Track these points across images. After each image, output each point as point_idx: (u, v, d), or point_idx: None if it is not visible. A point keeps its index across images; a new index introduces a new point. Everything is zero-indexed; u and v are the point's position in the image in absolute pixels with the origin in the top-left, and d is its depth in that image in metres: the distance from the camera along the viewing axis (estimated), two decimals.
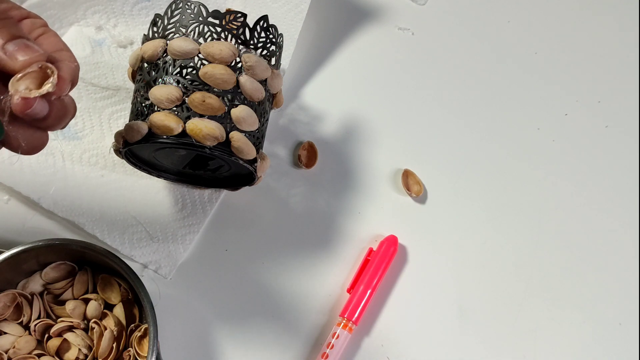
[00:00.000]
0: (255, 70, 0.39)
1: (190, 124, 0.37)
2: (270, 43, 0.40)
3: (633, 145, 0.52)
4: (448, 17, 0.55)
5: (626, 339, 0.47)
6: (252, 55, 0.39)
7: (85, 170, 0.46)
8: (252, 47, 0.39)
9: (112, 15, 0.49)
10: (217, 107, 0.38)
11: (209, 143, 0.38)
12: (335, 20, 0.53)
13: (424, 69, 0.53)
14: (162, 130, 0.37)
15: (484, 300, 0.47)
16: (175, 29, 0.39)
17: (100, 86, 0.47)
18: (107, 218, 0.45)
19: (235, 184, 0.45)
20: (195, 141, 0.37)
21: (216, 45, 0.38)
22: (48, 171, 0.45)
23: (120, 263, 0.39)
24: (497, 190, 0.50)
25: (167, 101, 0.37)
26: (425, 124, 0.51)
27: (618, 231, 0.49)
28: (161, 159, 0.43)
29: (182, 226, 0.45)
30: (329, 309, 0.45)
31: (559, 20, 0.56)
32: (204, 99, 0.37)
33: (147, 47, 0.39)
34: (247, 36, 0.39)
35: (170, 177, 0.45)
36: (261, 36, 0.40)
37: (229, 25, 0.39)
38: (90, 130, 0.47)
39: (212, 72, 0.38)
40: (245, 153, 0.39)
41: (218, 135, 0.38)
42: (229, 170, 0.43)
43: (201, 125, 0.37)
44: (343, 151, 0.50)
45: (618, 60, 0.55)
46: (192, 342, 0.43)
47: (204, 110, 0.38)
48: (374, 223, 0.48)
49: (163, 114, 0.37)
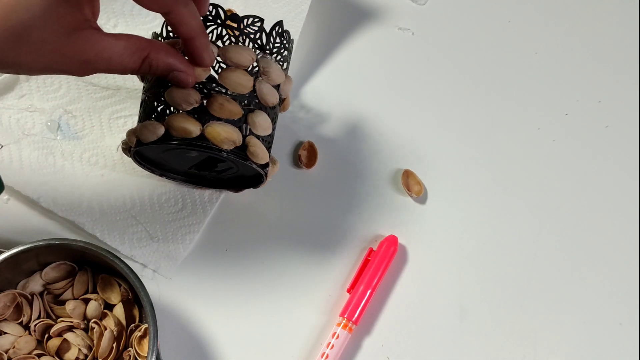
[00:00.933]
0: (272, 76, 0.39)
1: (209, 128, 0.37)
2: (284, 48, 0.40)
3: (633, 145, 0.52)
4: (448, 17, 0.55)
5: (626, 339, 0.47)
6: (269, 61, 0.39)
7: (85, 170, 0.46)
8: (267, 52, 0.40)
9: (112, 15, 0.49)
10: (236, 112, 0.38)
11: (226, 147, 0.38)
12: (335, 20, 0.53)
13: (424, 69, 0.53)
14: (181, 132, 0.37)
15: (484, 300, 0.47)
16: None
17: (100, 86, 0.47)
18: (107, 218, 0.45)
19: (239, 185, 0.45)
20: (212, 144, 0.37)
21: (235, 49, 0.38)
22: (48, 170, 0.45)
23: (120, 263, 0.39)
24: (497, 190, 0.50)
25: (186, 103, 0.37)
26: (426, 123, 0.51)
27: (618, 231, 0.49)
28: (169, 159, 0.43)
29: (182, 226, 0.45)
30: (329, 309, 0.45)
31: (559, 20, 0.56)
32: (223, 103, 0.38)
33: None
34: (264, 41, 0.39)
35: (174, 176, 0.45)
36: (276, 41, 0.40)
37: (247, 29, 0.39)
38: (90, 130, 0.47)
39: (231, 76, 0.38)
40: (260, 157, 0.39)
41: (236, 140, 0.38)
42: (236, 172, 0.43)
43: (219, 129, 0.37)
44: (343, 151, 0.50)
45: (618, 60, 0.55)
46: (192, 341, 0.43)
47: (222, 114, 0.38)
48: (374, 223, 0.48)
49: (182, 117, 0.37)
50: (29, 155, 0.45)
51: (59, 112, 0.47)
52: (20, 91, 0.47)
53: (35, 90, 0.47)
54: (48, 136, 0.46)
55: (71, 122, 0.47)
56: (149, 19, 0.49)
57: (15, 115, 0.46)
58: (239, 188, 0.46)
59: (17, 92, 0.47)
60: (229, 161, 0.41)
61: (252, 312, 0.45)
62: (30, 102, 0.46)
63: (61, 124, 0.46)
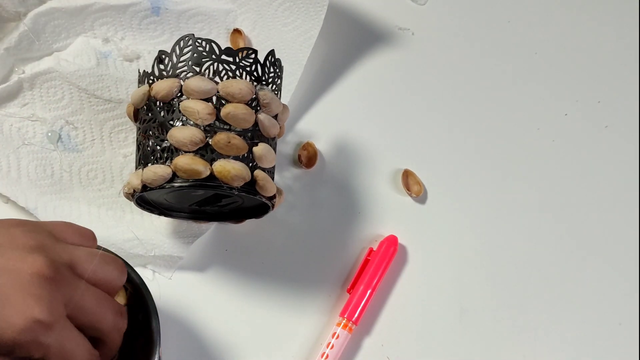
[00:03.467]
0: (272, 107, 0.39)
1: (218, 167, 0.37)
2: (278, 77, 0.41)
3: (633, 145, 0.52)
4: (448, 17, 0.55)
5: (626, 339, 0.47)
6: (267, 92, 0.39)
7: (83, 183, 0.45)
8: (264, 83, 0.39)
9: (119, 28, 0.48)
10: (242, 147, 0.38)
11: (236, 184, 0.38)
12: (335, 20, 0.53)
13: (423, 69, 0.53)
14: (189, 174, 0.37)
15: (484, 300, 0.47)
16: (187, 68, 0.38)
17: (103, 98, 0.46)
18: (103, 231, 0.44)
19: (242, 216, 0.45)
20: (223, 183, 0.37)
21: (235, 84, 0.38)
22: (45, 182, 0.45)
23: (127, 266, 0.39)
24: (497, 190, 0.50)
25: (191, 144, 0.37)
26: (425, 123, 0.51)
27: (618, 231, 0.49)
28: (171, 199, 0.42)
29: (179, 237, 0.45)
30: (329, 309, 0.45)
31: (559, 20, 0.56)
32: (229, 140, 0.37)
33: (161, 87, 0.38)
34: (260, 72, 0.39)
35: (177, 215, 0.44)
36: (271, 71, 0.40)
37: (242, 62, 0.39)
38: (90, 143, 0.46)
39: (234, 111, 0.38)
40: (268, 190, 0.39)
41: (245, 176, 0.38)
42: (240, 204, 0.43)
43: (229, 166, 0.37)
44: (343, 151, 0.50)
45: (618, 60, 0.55)
46: (192, 341, 0.44)
47: (229, 151, 0.38)
48: (374, 223, 0.48)
49: (189, 158, 0.37)
50: (27, 165, 0.45)
51: (61, 122, 0.46)
52: (23, 99, 0.46)
53: (38, 99, 0.46)
54: (48, 147, 0.46)
55: (72, 133, 0.46)
56: (156, 34, 0.49)
57: (17, 123, 0.46)
58: (241, 219, 0.45)
59: (20, 101, 0.46)
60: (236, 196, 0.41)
61: (251, 312, 0.45)
62: (32, 111, 0.46)
63: (62, 135, 0.46)
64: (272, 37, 0.50)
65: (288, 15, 0.50)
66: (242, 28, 0.50)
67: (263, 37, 0.51)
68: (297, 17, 0.50)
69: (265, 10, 0.51)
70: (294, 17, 0.50)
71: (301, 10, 0.50)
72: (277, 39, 0.50)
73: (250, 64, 0.39)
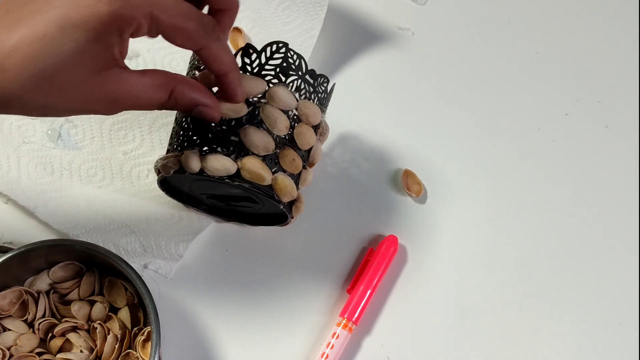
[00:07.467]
0: (325, 136, 0.41)
1: (279, 180, 0.38)
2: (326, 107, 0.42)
3: (633, 145, 0.52)
4: (448, 17, 0.55)
5: (626, 339, 0.46)
6: (326, 122, 0.41)
7: (83, 181, 0.46)
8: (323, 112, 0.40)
9: None
10: (299, 168, 0.39)
11: (285, 199, 0.39)
12: (335, 20, 0.53)
13: (423, 69, 0.53)
14: (253, 177, 0.37)
15: (484, 300, 0.47)
16: (274, 74, 0.38)
17: None
18: (101, 229, 0.44)
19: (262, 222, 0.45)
20: (275, 194, 0.38)
21: (312, 107, 0.39)
22: (45, 180, 0.45)
23: (127, 267, 0.39)
24: (497, 190, 0.50)
25: (263, 149, 0.37)
26: (426, 123, 0.51)
27: (618, 231, 0.49)
28: (196, 189, 0.43)
29: (178, 234, 0.45)
30: (329, 309, 0.46)
31: (559, 20, 0.56)
32: (294, 158, 0.38)
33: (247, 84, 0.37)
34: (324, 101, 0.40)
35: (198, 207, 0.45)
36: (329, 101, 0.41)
37: (319, 87, 0.39)
38: (90, 140, 0.47)
39: (305, 133, 0.38)
40: (300, 211, 0.42)
41: (294, 194, 0.39)
42: (259, 209, 0.44)
43: (287, 182, 0.38)
44: (343, 151, 0.50)
45: (618, 60, 0.54)
46: (192, 341, 0.44)
47: (290, 168, 0.38)
48: (374, 223, 0.48)
49: (259, 162, 0.37)
50: (27, 164, 0.45)
51: (60, 120, 0.46)
52: None
53: None
54: (48, 145, 0.46)
55: (72, 131, 0.47)
56: None
57: (17, 122, 0.46)
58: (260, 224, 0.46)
59: None
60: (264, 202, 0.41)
61: (251, 312, 0.45)
62: None
63: (62, 133, 0.46)
64: (272, 36, 0.50)
65: (288, 15, 0.50)
66: (242, 26, 0.51)
67: (263, 36, 0.51)
68: (297, 16, 0.50)
69: (264, 9, 0.51)
70: (294, 17, 0.50)
71: (301, 10, 0.50)
72: (277, 38, 0.50)
73: (322, 92, 0.40)
